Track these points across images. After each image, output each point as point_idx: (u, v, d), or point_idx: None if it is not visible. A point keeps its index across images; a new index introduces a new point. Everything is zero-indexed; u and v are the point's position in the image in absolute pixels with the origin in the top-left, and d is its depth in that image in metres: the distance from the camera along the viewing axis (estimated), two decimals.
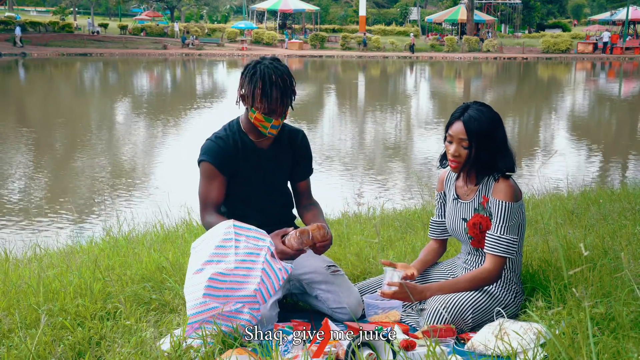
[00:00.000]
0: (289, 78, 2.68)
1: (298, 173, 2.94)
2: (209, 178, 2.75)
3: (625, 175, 10.01)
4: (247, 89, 2.67)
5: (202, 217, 2.77)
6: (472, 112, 2.54)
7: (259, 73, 2.63)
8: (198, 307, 2.36)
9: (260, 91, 2.62)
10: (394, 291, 2.50)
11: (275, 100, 2.63)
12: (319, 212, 2.91)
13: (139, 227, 4.95)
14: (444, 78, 30.82)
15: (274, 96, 2.62)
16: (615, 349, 1.95)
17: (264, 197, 2.84)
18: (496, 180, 2.58)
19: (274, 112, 2.66)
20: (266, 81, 2.62)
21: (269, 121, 2.68)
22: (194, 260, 2.54)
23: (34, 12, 62.59)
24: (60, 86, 25.13)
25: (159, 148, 12.53)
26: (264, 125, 2.70)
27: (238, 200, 2.83)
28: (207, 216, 2.73)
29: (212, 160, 2.73)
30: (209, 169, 2.75)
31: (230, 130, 2.81)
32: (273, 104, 2.63)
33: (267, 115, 2.66)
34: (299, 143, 2.91)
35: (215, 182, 2.75)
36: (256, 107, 2.65)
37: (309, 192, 2.99)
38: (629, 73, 32.45)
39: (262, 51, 41.11)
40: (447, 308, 2.46)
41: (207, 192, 2.76)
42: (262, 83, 2.62)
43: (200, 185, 2.78)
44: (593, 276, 2.52)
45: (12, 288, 2.78)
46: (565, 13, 70.26)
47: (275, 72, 2.63)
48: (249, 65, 2.70)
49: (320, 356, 2.15)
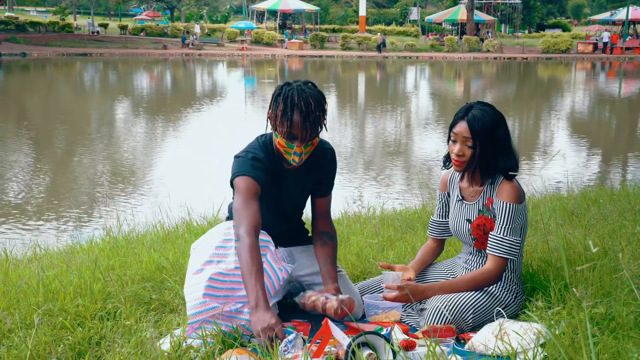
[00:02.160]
0: (314, 102, 2.47)
1: (319, 190, 2.79)
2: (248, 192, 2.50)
3: (625, 175, 10.01)
4: (271, 110, 2.52)
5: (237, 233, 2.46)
6: (476, 111, 2.54)
7: (283, 95, 2.48)
8: (198, 307, 2.36)
9: (280, 113, 2.47)
10: (395, 295, 2.50)
11: (295, 124, 2.45)
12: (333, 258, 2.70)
13: (139, 227, 4.95)
14: (444, 78, 30.83)
15: (295, 120, 2.45)
16: (615, 349, 1.95)
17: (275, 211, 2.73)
18: (501, 182, 2.58)
19: (295, 137, 2.49)
20: (287, 103, 2.46)
21: (291, 147, 2.51)
22: (194, 260, 2.54)
23: (34, 12, 62.57)
24: (60, 86, 25.14)
25: (159, 148, 12.53)
26: (287, 152, 2.54)
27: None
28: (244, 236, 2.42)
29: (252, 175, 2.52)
30: (249, 183, 2.51)
31: (266, 149, 2.62)
32: (294, 128, 2.46)
33: (288, 141, 2.50)
34: (328, 161, 2.74)
35: (255, 202, 2.50)
36: (278, 130, 2.50)
37: (327, 211, 2.81)
38: (629, 73, 32.45)
39: (262, 51, 41.14)
40: (448, 307, 2.46)
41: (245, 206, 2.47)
42: (284, 105, 2.46)
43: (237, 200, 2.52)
44: (593, 276, 2.52)
45: (12, 288, 2.78)
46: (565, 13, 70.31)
47: (299, 95, 2.46)
48: (277, 87, 2.55)
49: (320, 356, 2.15)
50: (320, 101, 2.51)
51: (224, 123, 15.37)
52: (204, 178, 9.05)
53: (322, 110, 2.51)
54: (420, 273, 2.87)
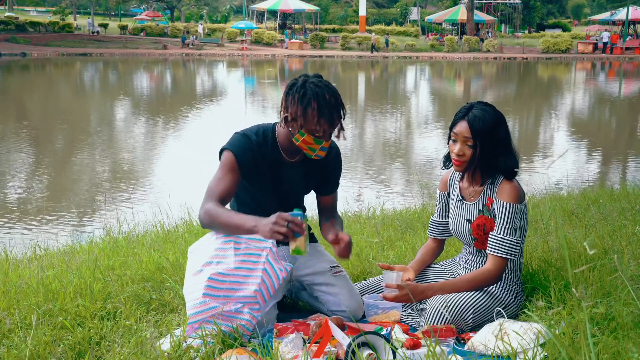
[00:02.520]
0: (339, 96, 2.49)
1: (324, 188, 2.81)
2: (226, 170, 2.56)
3: (625, 175, 10.01)
4: (297, 110, 2.44)
5: (200, 207, 2.52)
6: (476, 111, 2.54)
7: (311, 93, 2.43)
8: (198, 307, 2.36)
9: (315, 113, 2.42)
10: (395, 295, 2.50)
11: (329, 122, 2.45)
12: (338, 222, 2.79)
13: (139, 227, 4.95)
14: (444, 78, 30.82)
15: (328, 118, 2.44)
16: (615, 349, 1.95)
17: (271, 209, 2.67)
18: (501, 182, 2.58)
19: (327, 135, 2.49)
20: (320, 102, 2.42)
21: (319, 143, 2.50)
22: (193, 262, 2.53)
23: (34, 12, 62.57)
24: (60, 86, 25.14)
25: (159, 148, 12.53)
26: (311, 148, 2.52)
27: (243, 205, 2.74)
28: (205, 204, 2.51)
29: (236, 153, 2.56)
30: (230, 160, 2.56)
31: (264, 137, 2.62)
32: (329, 126, 2.46)
33: (318, 139, 2.49)
34: (332, 159, 2.74)
35: (229, 176, 2.55)
36: (308, 129, 2.46)
37: (333, 206, 2.85)
38: (629, 73, 32.45)
39: (262, 51, 41.13)
40: (448, 307, 2.46)
41: (218, 182, 2.55)
42: (317, 104, 2.42)
43: (214, 176, 2.59)
44: (593, 276, 2.52)
45: (12, 288, 2.78)
46: (565, 13, 70.30)
47: (327, 92, 2.44)
48: (295, 85, 2.48)
49: (320, 356, 2.15)
50: (339, 95, 2.51)
51: (224, 123, 15.36)
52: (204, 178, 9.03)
53: (343, 104, 2.53)
54: (420, 273, 2.87)
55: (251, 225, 2.38)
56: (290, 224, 2.28)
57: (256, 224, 2.36)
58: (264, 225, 2.32)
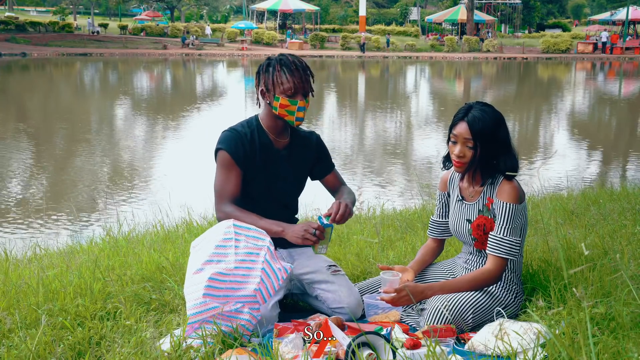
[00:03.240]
0: (303, 61, 2.72)
1: (320, 171, 2.95)
2: (226, 168, 2.70)
3: (625, 175, 10.01)
4: (266, 78, 2.69)
5: (217, 210, 2.69)
6: (475, 112, 2.53)
7: (275, 60, 2.68)
8: (198, 307, 2.36)
9: (279, 73, 2.65)
10: (391, 297, 2.50)
11: (298, 78, 2.64)
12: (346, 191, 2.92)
13: (139, 227, 4.95)
14: (444, 78, 30.82)
15: (295, 74, 2.64)
16: (615, 349, 1.95)
17: (267, 195, 2.79)
18: (501, 182, 2.58)
19: (298, 91, 2.65)
20: (283, 63, 2.66)
21: (294, 103, 2.65)
22: (194, 260, 2.54)
23: (34, 12, 62.57)
24: (60, 86, 25.14)
25: (159, 148, 12.53)
26: (290, 111, 2.67)
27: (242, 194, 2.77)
28: (223, 207, 2.67)
29: (229, 150, 2.69)
30: (226, 158, 2.70)
31: (249, 126, 2.77)
32: (296, 81, 2.64)
33: (291, 98, 2.65)
34: (315, 144, 2.92)
35: (232, 173, 2.69)
36: (279, 91, 2.65)
37: (341, 183, 2.99)
38: (629, 73, 32.45)
39: (262, 51, 41.12)
40: (448, 307, 2.46)
41: (224, 183, 2.70)
42: (280, 65, 2.66)
43: (217, 176, 2.72)
44: (593, 276, 2.52)
45: (12, 288, 2.78)
46: (565, 13, 70.30)
47: (290, 56, 2.70)
48: (262, 63, 2.74)
49: (320, 356, 2.15)
50: (304, 61, 2.73)
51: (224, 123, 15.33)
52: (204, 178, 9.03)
53: (308, 67, 2.73)
54: (420, 273, 2.87)
55: (278, 230, 2.61)
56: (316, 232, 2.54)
57: (284, 229, 2.60)
58: (293, 231, 2.57)
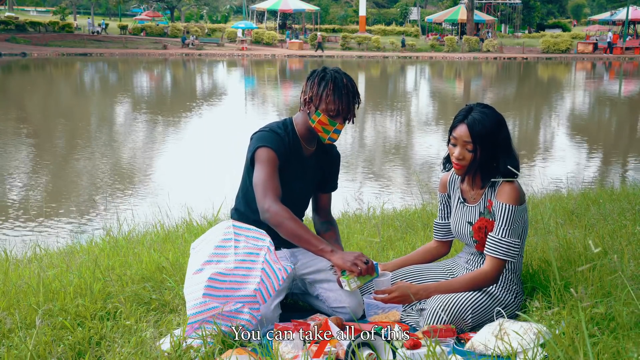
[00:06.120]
0: (355, 85, 2.72)
1: (325, 185, 2.93)
2: (272, 165, 2.63)
3: (625, 175, 10.00)
4: (315, 90, 2.66)
5: (265, 205, 2.54)
6: (475, 114, 2.52)
7: (330, 76, 2.66)
8: (198, 307, 2.36)
9: (330, 92, 2.63)
10: (382, 297, 2.50)
11: (345, 103, 2.64)
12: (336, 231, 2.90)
13: (139, 227, 4.95)
14: (444, 78, 30.82)
15: (344, 99, 2.64)
16: (615, 349, 1.95)
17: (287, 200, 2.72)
18: (501, 183, 2.57)
19: (340, 114, 2.65)
20: (337, 84, 2.64)
21: (333, 125, 2.66)
22: (194, 260, 2.54)
23: (34, 12, 62.55)
24: (60, 86, 25.14)
25: (159, 148, 12.52)
26: (326, 130, 2.68)
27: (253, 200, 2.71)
28: (273, 204, 2.54)
29: (275, 149, 2.65)
30: (272, 156, 2.64)
31: (285, 129, 2.75)
32: (343, 106, 2.64)
33: (332, 119, 2.65)
34: (334, 156, 2.92)
35: (276, 171, 2.63)
36: (323, 108, 2.64)
37: (329, 206, 2.98)
38: (629, 73, 32.45)
39: (262, 51, 41.12)
40: (446, 309, 2.45)
41: (270, 178, 2.60)
42: (334, 85, 2.63)
43: (261, 171, 2.61)
44: (593, 276, 2.52)
45: (12, 288, 2.78)
46: (565, 13, 70.28)
47: (345, 77, 2.68)
48: (315, 71, 2.71)
49: (320, 356, 2.15)
50: (355, 84, 2.73)
51: (224, 123, 15.37)
52: (204, 178, 9.04)
53: (358, 93, 2.73)
54: (419, 272, 2.84)
55: (327, 250, 2.53)
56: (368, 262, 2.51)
57: (332, 250, 2.53)
58: (344, 254, 2.51)
